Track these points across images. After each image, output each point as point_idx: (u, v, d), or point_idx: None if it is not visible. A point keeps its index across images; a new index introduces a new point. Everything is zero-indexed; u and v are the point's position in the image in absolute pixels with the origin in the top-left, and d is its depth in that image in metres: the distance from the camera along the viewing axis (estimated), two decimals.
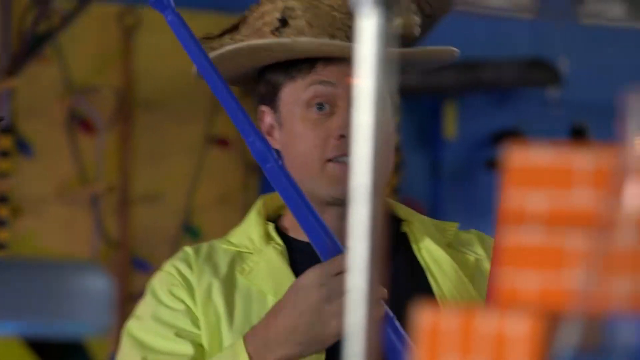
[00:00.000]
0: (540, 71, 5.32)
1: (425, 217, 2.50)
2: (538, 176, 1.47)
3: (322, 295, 2.11)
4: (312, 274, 2.16)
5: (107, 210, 6.76)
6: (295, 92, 2.33)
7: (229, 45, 2.29)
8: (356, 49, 1.94)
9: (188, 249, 2.37)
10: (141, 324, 2.30)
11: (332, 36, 2.19)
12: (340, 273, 2.10)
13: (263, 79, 2.37)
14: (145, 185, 6.87)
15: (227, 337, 2.26)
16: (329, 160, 2.30)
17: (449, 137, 5.66)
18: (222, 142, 6.92)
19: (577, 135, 5.13)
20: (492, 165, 4.51)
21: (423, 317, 1.43)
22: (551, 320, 1.35)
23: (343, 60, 2.22)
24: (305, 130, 2.33)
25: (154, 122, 6.84)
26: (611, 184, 1.29)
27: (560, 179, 1.46)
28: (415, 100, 5.47)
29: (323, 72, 2.30)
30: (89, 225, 6.73)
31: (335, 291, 2.09)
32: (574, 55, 5.33)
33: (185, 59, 2.26)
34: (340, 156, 2.29)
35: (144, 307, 2.34)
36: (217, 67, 2.26)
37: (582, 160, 1.45)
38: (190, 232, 6.93)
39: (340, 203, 2.27)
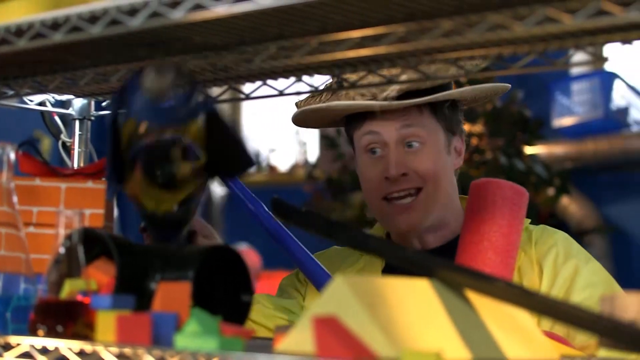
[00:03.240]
0: None
1: None
2: None
3: None
4: None
5: None
6: (358, 140, 1.94)
7: (309, 106, 1.91)
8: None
9: None
10: None
11: (363, 96, 1.86)
12: None
13: (345, 125, 2.02)
14: None
15: None
16: (383, 198, 1.89)
17: None
18: None
19: None
20: None
21: None
22: None
23: (386, 113, 1.88)
24: (366, 171, 1.93)
25: None
26: None
27: None
28: None
29: (372, 123, 1.90)
30: None
31: None
32: None
33: None
34: (389, 194, 1.89)
35: None
36: (310, 119, 1.96)
37: None
38: None
39: (409, 234, 1.92)
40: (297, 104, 1.97)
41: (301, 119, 1.97)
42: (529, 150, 5.14)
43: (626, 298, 1.13)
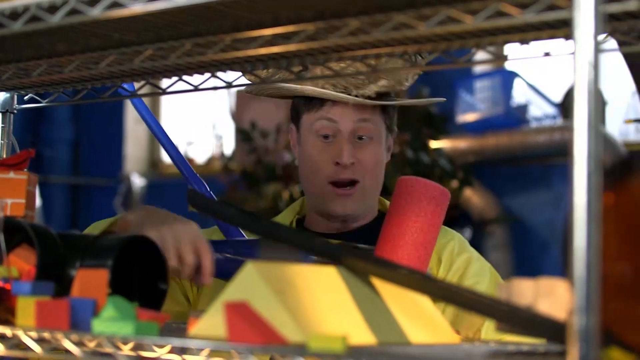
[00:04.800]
0: None
1: None
2: None
3: None
4: None
5: None
6: (309, 121, 1.94)
7: (274, 84, 1.88)
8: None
9: None
10: None
11: (335, 87, 1.87)
12: None
13: (293, 103, 1.99)
14: None
15: None
16: (330, 182, 1.92)
17: None
18: None
19: None
20: None
21: None
22: None
23: (348, 105, 1.90)
24: (313, 154, 1.94)
25: None
26: None
27: None
28: None
29: (330, 111, 1.91)
30: None
31: None
32: None
33: None
34: (337, 179, 1.92)
35: None
36: (264, 90, 1.93)
37: None
38: None
39: (339, 218, 1.95)
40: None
41: (254, 88, 1.97)
42: (434, 144, 5.20)
43: (522, 284, 1.16)
